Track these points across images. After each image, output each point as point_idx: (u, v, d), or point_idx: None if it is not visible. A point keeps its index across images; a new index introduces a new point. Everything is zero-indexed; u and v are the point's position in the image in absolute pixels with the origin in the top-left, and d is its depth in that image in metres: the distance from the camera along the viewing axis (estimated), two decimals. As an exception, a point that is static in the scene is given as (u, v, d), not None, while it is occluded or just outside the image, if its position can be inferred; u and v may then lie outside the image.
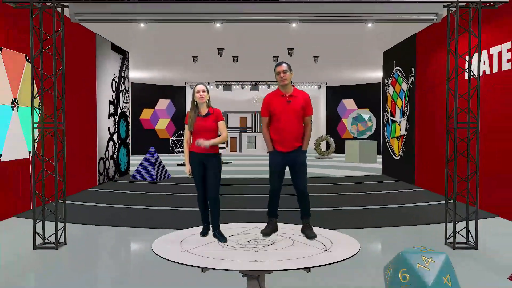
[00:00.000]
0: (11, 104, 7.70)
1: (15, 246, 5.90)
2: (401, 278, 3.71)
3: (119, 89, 13.67)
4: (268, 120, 4.25)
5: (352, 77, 22.11)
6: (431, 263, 3.67)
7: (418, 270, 3.62)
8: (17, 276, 4.82)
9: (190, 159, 4.25)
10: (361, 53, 15.50)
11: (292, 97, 4.18)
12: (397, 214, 8.01)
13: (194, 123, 4.17)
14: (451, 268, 3.70)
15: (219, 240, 4.00)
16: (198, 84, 4.31)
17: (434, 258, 3.71)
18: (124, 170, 13.94)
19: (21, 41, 7.83)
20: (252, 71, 19.91)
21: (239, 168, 16.56)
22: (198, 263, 3.35)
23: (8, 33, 7.56)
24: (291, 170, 4.24)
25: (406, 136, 12.52)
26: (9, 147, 7.59)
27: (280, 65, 4.20)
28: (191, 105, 4.28)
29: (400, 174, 12.89)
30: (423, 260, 3.70)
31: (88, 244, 6.18)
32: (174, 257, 3.48)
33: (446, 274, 3.63)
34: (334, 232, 4.23)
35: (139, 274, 4.97)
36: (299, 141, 4.19)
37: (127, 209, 8.46)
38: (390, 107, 14.01)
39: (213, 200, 4.16)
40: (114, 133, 13.10)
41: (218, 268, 3.31)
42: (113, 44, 13.02)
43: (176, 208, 8.49)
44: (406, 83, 12.45)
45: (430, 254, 3.75)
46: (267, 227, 4.22)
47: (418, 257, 3.73)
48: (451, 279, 3.65)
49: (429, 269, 3.62)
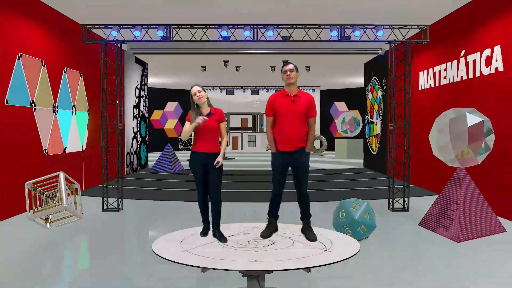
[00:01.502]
0: (71, 110, 10.22)
1: (88, 208, 8.42)
2: (340, 216, 6.22)
3: (140, 95, 16.21)
4: (272, 120, 4.20)
5: (343, 82, 24.63)
6: (358, 206, 6.19)
7: (350, 211, 6.13)
8: (99, 224, 7.34)
9: (192, 159, 4.22)
10: (346, 64, 18.00)
11: (297, 97, 4.14)
12: (362, 192, 10.51)
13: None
14: (370, 209, 6.22)
15: (219, 240, 3.95)
16: (193, 86, 4.21)
17: (360, 204, 6.24)
18: (144, 163, 16.47)
19: (78, 62, 10.36)
20: (252, 78, 22.44)
21: (241, 163, 19.09)
22: (198, 263, 3.32)
23: (68, 58, 10.08)
24: (293, 172, 4.20)
25: (381, 134, 15.04)
26: (70, 143, 10.11)
27: (287, 64, 4.22)
28: (192, 106, 4.19)
29: (377, 167, 15.41)
30: (353, 205, 6.22)
31: (135, 209, 8.70)
32: (174, 257, 3.46)
33: (366, 213, 6.15)
34: (334, 232, 4.25)
35: (167, 220, 7.49)
36: (302, 142, 4.14)
37: (151, 190, 10.99)
38: (369, 110, 16.54)
39: (214, 200, 4.10)
40: (136, 132, 15.63)
41: (218, 268, 3.27)
42: (136, 57, 15.55)
43: (192, 189, 11.01)
44: (381, 90, 14.97)
45: (357, 202, 6.28)
46: (267, 228, 4.17)
47: (350, 203, 6.27)
48: (369, 216, 6.17)
49: (356, 210, 6.12)
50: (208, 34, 8.56)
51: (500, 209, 7.49)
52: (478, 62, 8.48)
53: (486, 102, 8.10)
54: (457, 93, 9.32)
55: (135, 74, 15.56)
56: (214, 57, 16.18)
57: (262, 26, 8.11)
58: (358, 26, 8.05)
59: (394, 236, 6.65)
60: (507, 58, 7.58)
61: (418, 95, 11.41)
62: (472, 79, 8.72)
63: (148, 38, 8.45)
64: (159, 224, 7.68)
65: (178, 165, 15.60)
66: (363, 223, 6.04)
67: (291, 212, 6.23)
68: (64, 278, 4.89)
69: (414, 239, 6.42)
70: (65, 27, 9.84)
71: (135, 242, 6.64)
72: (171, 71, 20.41)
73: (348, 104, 27.41)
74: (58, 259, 5.59)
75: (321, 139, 24.50)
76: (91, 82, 11.24)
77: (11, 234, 6.70)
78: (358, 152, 21.33)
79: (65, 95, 9.83)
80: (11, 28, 7.75)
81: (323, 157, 23.04)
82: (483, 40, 8.33)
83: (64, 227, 6.56)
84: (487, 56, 8.18)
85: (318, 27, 8.11)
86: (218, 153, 4.19)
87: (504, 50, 7.66)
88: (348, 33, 8.21)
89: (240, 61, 17.07)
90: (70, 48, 10.06)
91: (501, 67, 7.72)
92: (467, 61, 8.89)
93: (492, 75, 8.02)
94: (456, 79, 9.38)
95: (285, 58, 15.61)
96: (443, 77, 10.04)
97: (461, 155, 6.24)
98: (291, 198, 5.03)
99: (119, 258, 5.68)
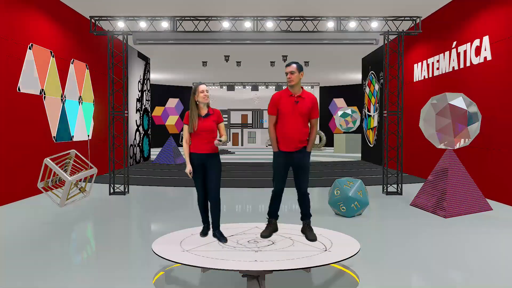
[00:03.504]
0: (78, 100, 10.61)
1: (95, 193, 8.81)
2: (335, 193, 6.60)
3: (143, 89, 16.60)
4: (275, 119, 4.17)
5: (341, 78, 25.03)
6: (351, 184, 6.57)
7: (344, 188, 6.51)
8: (108, 206, 7.72)
9: (191, 160, 4.15)
10: (344, 59, 18.37)
11: (300, 98, 4.12)
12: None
13: (195, 124, 4.08)
14: (363, 187, 6.61)
15: (219, 240, 3.96)
16: (200, 84, 4.16)
17: (353, 182, 6.61)
18: (146, 156, 16.85)
19: (84, 54, 10.75)
20: (252, 74, 22.82)
21: (241, 157, 19.49)
22: (198, 263, 3.33)
23: (75, 50, 10.46)
24: (294, 171, 4.20)
25: (378, 127, 15.43)
26: (77, 131, 10.50)
27: (289, 65, 4.14)
28: (191, 106, 4.14)
29: (374, 159, 15.79)
30: (347, 183, 6.60)
31: (141, 193, 9.08)
32: (174, 257, 3.46)
33: (360, 190, 6.53)
34: (334, 232, 4.25)
35: (173, 205, 7.87)
36: (303, 142, 4.13)
37: (155, 178, 11.38)
38: (366, 104, 16.93)
39: (214, 201, 4.10)
40: (139, 125, 16.02)
41: (218, 268, 3.27)
42: (139, 52, 15.93)
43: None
44: (378, 84, 15.36)
45: (351, 180, 6.66)
46: (267, 228, 4.18)
47: (344, 181, 6.65)
48: (362, 193, 6.55)
49: (350, 187, 6.50)
50: (210, 26, 8.95)
51: (487, 192, 7.87)
52: (468, 53, 8.86)
53: (476, 90, 8.48)
54: (449, 82, 9.71)
55: (138, 69, 15.95)
56: (215, 52, 16.54)
57: (261, 18, 8.51)
58: (354, 18, 8.44)
59: (386, 213, 7.04)
60: (494, 48, 7.97)
61: (412, 87, 11.80)
62: (463, 68, 9.11)
63: (153, 29, 8.84)
64: (164, 205, 8.07)
65: (180, 159, 15.99)
66: (356, 199, 6.42)
67: (291, 212, 6.48)
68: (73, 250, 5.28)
69: (405, 216, 6.80)
70: (72, 20, 10.23)
71: (143, 225, 7.02)
72: (172, 66, 20.79)
73: (347, 100, 27.82)
74: (68, 234, 5.98)
75: (320, 135, 24.89)
76: (97, 74, 11.63)
77: (20, 215, 7.09)
78: (356, 146, 21.73)
79: (72, 85, 10.21)
80: (22, 19, 8.14)
81: (322, 152, 23.43)
82: (473, 31, 8.72)
83: (75, 206, 6.95)
84: (476, 47, 8.57)
85: (315, 18, 8.50)
86: (217, 154, 4.17)
87: (492, 40, 8.04)
88: (344, 25, 8.60)
89: (240, 56, 17.45)
90: (77, 40, 10.45)
91: (489, 56, 8.11)
92: (458, 52, 9.28)
93: (481, 64, 8.40)
94: (448, 70, 9.77)
95: (284, 48, 15.98)
96: (436, 68, 10.43)
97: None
98: (290, 198, 5.07)
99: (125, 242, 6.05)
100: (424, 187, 7.32)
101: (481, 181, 7.96)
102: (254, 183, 10.35)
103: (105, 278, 4.03)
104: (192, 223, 4.98)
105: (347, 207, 6.43)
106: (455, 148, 6.88)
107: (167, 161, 15.61)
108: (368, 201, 6.63)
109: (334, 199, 6.55)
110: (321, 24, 9.50)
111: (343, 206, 6.43)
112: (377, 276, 4.07)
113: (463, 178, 6.90)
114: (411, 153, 11.43)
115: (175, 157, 15.67)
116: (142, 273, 4.08)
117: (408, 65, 11.87)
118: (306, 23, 8.82)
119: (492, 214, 6.77)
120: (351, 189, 6.45)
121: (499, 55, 7.84)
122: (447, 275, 4.19)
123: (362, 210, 6.61)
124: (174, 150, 15.76)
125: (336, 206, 6.55)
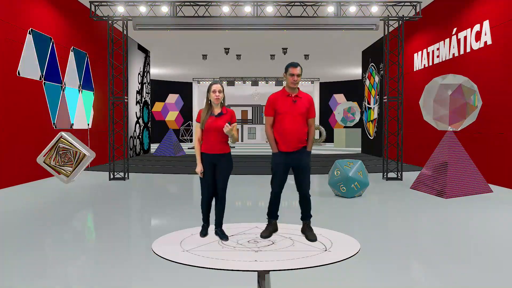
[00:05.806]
0: (78, 88, 10.60)
1: (96, 179, 8.80)
2: (335, 174, 6.60)
3: (143, 81, 16.59)
4: (272, 120, 4.15)
5: (342, 73, 25.02)
6: (352, 165, 6.57)
7: (344, 169, 6.51)
8: (108, 191, 7.72)
9: (202, 160, 4.12)
10: (344, 52, 18.37)
11: (298, 98, 4.11)
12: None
13: (205, 122, 4.03)
14: (363, 168, 6.60)
15: (220, 238, 3.98)
16: (214, 83, 4.08)
17: (354, 162, 6.61)
18: (146, 149, 16.84)
19: (84, 43, 10.74)
20: (252, 68, 22.81)
21: (242, 152, 19.51)
22: (198, 263, 3.34)
23: (75, 38, 10.46)
24: (294, 172, 4.18)
25: (378, 119, 15.42)
26: (76, 120, 10.49)
27: (296, 67, 4.06)
28: (205, 103, 4.11)
29: (375, 151, 15.78)
30: (347, 164, 6.60)
31: (139, 179, 9.08)
32: (174, 257, 3.47)
33: (360, 170, 6.53)
34: (334, 232, 4.26)
35: (171, 189, 7.86)
36: (302, 142, 4.13)
37: (154, 167, 11.38)
38: (366, 97, 16.92)
39: (221, 199, 4.12)
40: (139, 118, 16.01)
41: (218, 268, 3.30)
42: (139, 44, 15.93)
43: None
44: (378, 76, 15.35)
45: (351, 161, 6.65)
46: (267, 229, 4.18)
47: (345, 162, 6.65)
48: (362, 173, 6.55)
49: (350, 168, 6.50)
50: (210, 11, 8.95)
51: (487, 176, 7.87)
52: (469, 38, 8.85)
53: (476, 75, 8.47)
54: (449, 69, 9.70)
55: (138, 61, 15.94)
56: (215, 45, 16.54)
57: (261, 3, 8.50)
58: (354, 2, 8.43)
59: (386, 196, 7.03)
60: (495, 32, 7.96)
61: (413, 76, 11.78)
62: (463, 55, 9.10)
63: (153, 15, 8.83)
64: (162, 191, 8.07)
65: (179, 150, 15.99)
66: (356, 180, 6.41)
67: (291, 212, 6.47)
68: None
69: (405, 197, 6.80)
70: (72, 7, 10.22)
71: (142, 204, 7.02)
72: (172, 60, 20.79)
73: (347, 96, 27.79)
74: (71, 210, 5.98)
75: (320, 130, 24.88)
76: (96, 62, 11.62)
77: (17, 198, 7.08)
78: (356, 141, 21.72)
79: (72, 73, 10.20)
80: (23, 3, 8.13)
81: (322, 147, 23.42)
82: (473, 16, 8.71)
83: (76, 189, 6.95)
84: (476, 32, 8.56)
85: (315, 4, 8.50)
86: (228, 154, 4.12)
87: (492, 24, 8.04)
88: (344, 10, 8.59)
89: (240, 48, 17.44)
90: (77, 28, 10.44)
91: (489, 40, 8.10)
92: (458, 38, 9.27)
93: (481, 49, 8.39)
94: (448, 57, 9.76)
95: (284, 40, 15.97)
96: (436, 56, 10.42)
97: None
98: (290, 198, 5.13)
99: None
100: (424, 169, 7.32)
101: (481, 165, 7.94)
102: (254, 171, 10.35)
103: (105, 249, 4.02)
104: (188, 210, 5.40)
105: (347, 188, 6.42)
106: (459, 129, 6.89)
107: (167, 153, 15.60)
108: (368, 181, 6.62)
109: (334, 180, 6.54)
110: (321, 10, 9.49)
111: (343, 186, 6.43)
112: (378, 245, 4.06)
113: (464, 160, 6.90)
114: (411, 144, 11.42)
115: (176, 152, 15.65)
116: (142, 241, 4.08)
117: (408, 54, 11.86)
118: (306, 8, 8.82)
119: (492, 196, 6.76)
120: (351, 169, 6.45)
121: (499, 39, 7.83)
122: (447, 250, 4.19)
123: (362, 191, 6.60)
124: (174, 145, 15.74)
125: (336, 186, 6.54)
